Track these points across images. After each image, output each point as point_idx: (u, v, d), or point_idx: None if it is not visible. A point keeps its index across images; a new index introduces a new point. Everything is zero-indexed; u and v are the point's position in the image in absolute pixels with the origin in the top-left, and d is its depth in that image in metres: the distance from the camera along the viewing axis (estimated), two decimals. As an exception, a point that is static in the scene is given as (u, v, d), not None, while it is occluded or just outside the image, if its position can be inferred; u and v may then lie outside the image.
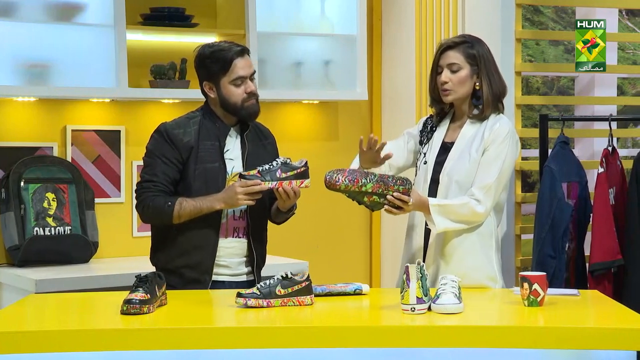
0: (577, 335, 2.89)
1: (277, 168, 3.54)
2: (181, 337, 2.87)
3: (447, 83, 3.68)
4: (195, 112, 3.74)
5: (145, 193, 3.60)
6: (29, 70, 4.58)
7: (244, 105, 3.64)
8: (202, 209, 3.56)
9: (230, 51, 3.63)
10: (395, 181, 3.51)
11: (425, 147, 3.80)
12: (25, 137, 4.70)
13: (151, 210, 3.59)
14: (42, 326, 3.07)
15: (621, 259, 4.50)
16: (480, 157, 3.65)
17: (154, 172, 3.61)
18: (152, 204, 3.58)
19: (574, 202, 4.58)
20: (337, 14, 5.27)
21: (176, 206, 3.55)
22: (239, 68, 3.63)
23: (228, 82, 3.63)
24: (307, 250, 5.31)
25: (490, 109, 3.69)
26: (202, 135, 3.64)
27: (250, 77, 3.65)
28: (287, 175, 3.54)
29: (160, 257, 3.69)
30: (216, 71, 3.63)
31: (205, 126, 3.66)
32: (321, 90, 5.29)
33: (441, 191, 3.68)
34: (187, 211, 3.56)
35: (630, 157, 4.97)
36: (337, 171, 3.49)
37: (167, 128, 3.65)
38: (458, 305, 3.08)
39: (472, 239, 3.68)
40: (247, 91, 3.63)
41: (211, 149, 3.64)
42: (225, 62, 3.62)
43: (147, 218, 3.66)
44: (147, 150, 3.68)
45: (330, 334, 2.90)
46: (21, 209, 4.56)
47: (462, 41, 3.71)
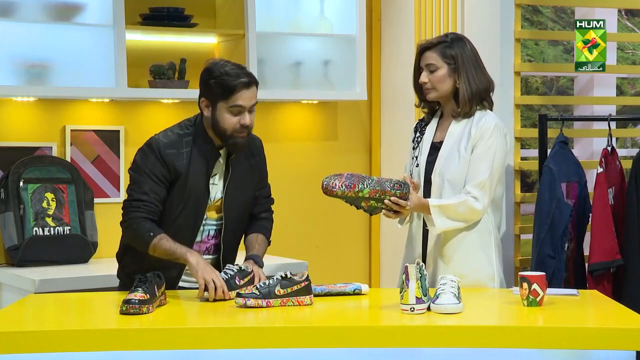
0: (577, 335, 2.89)
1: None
2: (180, 337, 2.87)
3: (426, 83, 3.75)
4: (189, 128, 3.59)
5: (134, 213, 3.49)
6: (29, 70, 4.58)
7: (233, 136, 3.51)
8: (176, 256, 3.44)
9: (238, 79, 3.48)
10: (393, 185, 3.51)
11: (416, 151, 3.83)
12: (24, 137, 4.70)
13: (133, 234, 3.49)
14: (42, 326, 3.07)
15: (620, 259, 4.50)
16: (470, 155, 3.67)
17: (143, 191, 3.49)
18: (137, 227, 3.48)
19: (573, 202, 4.58)
20: (337, 14, 5.27)
21: (155, 240, 3.44)
22: (241, 98, 3.49)
23: (225, 107, 3.49)
24: (307, 250, 5.31)
25: (473, 106, 3.72)
26: (193, 159, 3.53)
27: (249, 109, 3.52)
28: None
29: (127, 263, 3.64)
30: (217, 94, 3.50)
31: (197, 149, 3.55)
32: (320, 90, 5.28)
33: (434, 191, 3.70)
34: (162, 249, 3.44)
35: (630, 157, 4.97)
36: (334, 177, 3.49)
37: (160, 147, 3.51)
38: (457, 305, 3.09)
39: (471, 238, 3.69)
40: (241, 122, 3.50)
41: (199, 174, 3.54)
42: (228, 89, 3.48)
43: (126, 237, 3.58)
44: (136, 165, 3.54)
45: (330, 334, 2.90)
46: (20, 209, 4.56)
47: (439, 41, 3.76)
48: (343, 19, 5.26)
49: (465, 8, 4.89)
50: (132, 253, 3.60)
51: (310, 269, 4.63)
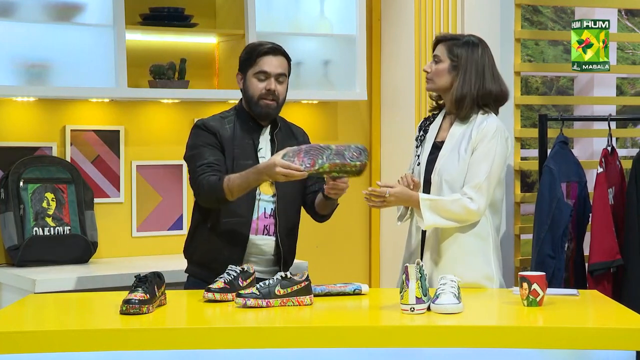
0: (577, 335, 2.89)
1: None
2: (180, 337, 2.87)
3: (428, 72, 3.81)
4: (229, 111, 3.81)
5: (201, 176, 3.62)
6: (29, 70, 4.58)
7: (259, 102, 3.70)
8: (249, 183, 3.56)
9: (263, 46, 3.73)
10: (352, 155, 3.51)
11: (419, 149, 3.83)
12: (24, 137, 4.70)
13: (207, 191, 3.60)
14: (42, 326, 3.07)
15: (620, 259, 4.50)
16: (470, 157, 3.67)
17: (203, 157, 3.66)
18: (207, 182, 3.60)
19: (574, 202, 4.58)
20: (337, 14, 5.27)
21: (225, 180, 3.57)
22: (265, 64, 3.71)
23: (252, 74, 3.71)
24: (307, 250, 5.30)
25: (461, 109, 3.72)
26: (237, 133, 3.71)
27: (276, 77, 3.71)
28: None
29: (193, 251, 3.79)
30: (245, 61, 3.73)
31: (240, 125, 3.73)
32: (320, 90, 5.28)
33: (433, 191, 3.71)
34: (236, 184, 3.56)
35: (630, 157, 4.97)
36: (292, 154, 3.48)
37: (204, 122, 3.73)
38: (457, 305, 3.09)
39: (467, 242, 3.69)
40: (267, 87, 3.69)
41: (246, 147, 3.70)
42: (253, 55, 3.72)
43: (203, 198, 3.66)
44: (190, 146, 3.73)
45: (330, 334, 2.90)
46: (20, 209, 4.55)
47: (452, 37, 3.82)
48: (343, 19, 5.26)
49: (465, 8, 4.89)
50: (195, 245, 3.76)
51: (310, 269, 4.63)
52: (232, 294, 3.28)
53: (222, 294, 3.27)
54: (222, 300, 3.27)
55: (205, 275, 3.64)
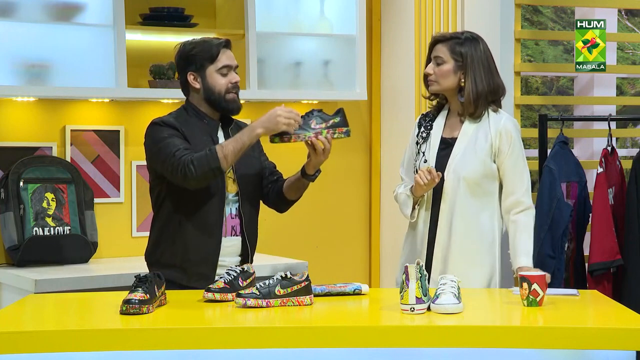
0: (577, 335, 2.89)
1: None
2: (180, 337, 2.87)
3: (430, 75, 3.78)
4: (178, 112, 3.71)
5: (184, 156, 3.50)
6: (29, 70, 4.58)
7: (226, 97, 3.65)
8: (244, 142, 3.53)
9: (217, 42, 3.67)
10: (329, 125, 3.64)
11: (423, 146, 3.81)
12: (24, 137, 4.70)
13: (196, 163, 3.48)
14: (42, 326, 3.07)
15: (620, 259, 4.50)
16: (492, 155, 3.69)
17: (176, 145, 3.54)
18: (196, 157, 3.49)
19: (574, 202, 4.58)
20: (337, 14, 5.27)
21: (217, 148, 3.51)
22: (226, 57, 3.67)
23: (214, 70, 3.64)
24: (307, 250, 5.31)
25: (478, 107, 3.73)
26: (195, 131, 3.64)
27: (234, 69, 3.69)
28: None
29: (162, 252, 3.67)
30: (204, 60, 3.64)
31: (195, 123, 3.67)
32: (320, 90, 5.28)
33: (447, 188, 3.69)
34: (230, 149, 3.51)
35: (630, 157, 4.97)
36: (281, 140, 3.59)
37: (161, 119, 3.64)
38: (457, 305, 3.08)
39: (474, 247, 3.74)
40: (232, 81, 3.66)
41: (206, 144, 3.62)
42: (212, 51, 3.64)
43: (196, 174, 3.49)
44: (155, 140, 3.60)
45: (330, 334, 2.90)
46: (20, 209, 4.56)
47: (452, 36, 3.79)
48: (343, 19, 5.26)
49: (465, 8, 4.89)
50: (164, 247, 3.66)
51: (310, 269, 4.63)
52: (232, 294, 3.27)
53: (222, 294, 3.27)
54: (222, 300, 3.27)
55: (178, 277, 3.59)
